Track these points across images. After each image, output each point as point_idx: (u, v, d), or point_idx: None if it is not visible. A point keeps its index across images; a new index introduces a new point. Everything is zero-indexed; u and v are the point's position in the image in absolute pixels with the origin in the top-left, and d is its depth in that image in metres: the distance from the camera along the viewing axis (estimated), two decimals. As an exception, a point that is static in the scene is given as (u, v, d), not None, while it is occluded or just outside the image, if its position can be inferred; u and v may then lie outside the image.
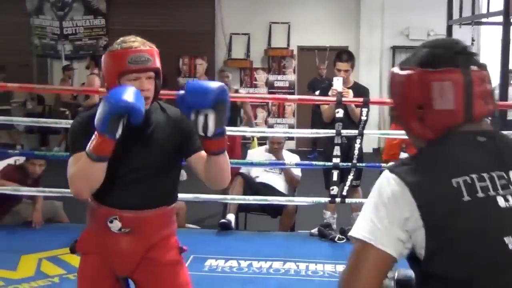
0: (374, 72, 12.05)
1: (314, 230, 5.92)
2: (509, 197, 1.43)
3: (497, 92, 7.41)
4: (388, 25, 12.45)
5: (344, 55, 5.85)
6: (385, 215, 1.44)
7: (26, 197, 6.14)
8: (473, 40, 8.39)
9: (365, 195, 6.11)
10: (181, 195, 5.80)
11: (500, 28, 6.99)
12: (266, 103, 12.86)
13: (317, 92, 10.00)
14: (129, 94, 2.26)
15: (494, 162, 1.47)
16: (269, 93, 12.72)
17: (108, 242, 2.52)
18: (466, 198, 1.41)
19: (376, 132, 10.21)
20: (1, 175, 6.10)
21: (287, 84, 12.99)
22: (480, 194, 1.42)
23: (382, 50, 12.53)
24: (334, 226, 5.88)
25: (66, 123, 7.09)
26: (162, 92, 2.63)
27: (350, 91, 5.71)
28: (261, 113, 12.98)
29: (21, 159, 6.47)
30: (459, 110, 1.49)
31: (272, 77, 13.00)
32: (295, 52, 12.89)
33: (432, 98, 1.50)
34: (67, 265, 4.97)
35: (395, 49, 12.50)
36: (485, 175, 1.44)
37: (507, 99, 6.94)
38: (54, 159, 6.78)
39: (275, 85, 12.98)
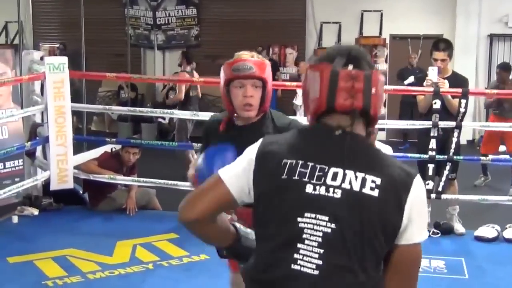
0: (470, 62, 11.64)
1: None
2: (317, 187, 1.64)
3: None
4: (485, 12, 11.97)
5: (441, 43, 5.68)
6: (241, 168, 1.76)
7: (122, 184, 6.31)
8: None
9: (462, 190, 5.95)
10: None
11: None
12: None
13: (406, 82, 9.86)
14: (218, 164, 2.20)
15: (327, 156, 1.68)
16: (360, 83, 12.54)
17: None
18: (284, 176, 1.67)
19: (474, 124, 9.89)
20: (98, 162, 6.30)
21: (379, 74, 12.77)
22: (295, 177, 1.66)
23: (478, 38, 12.08)
24: (429, 220, 5.73)
25: (161, 112, 7.26)
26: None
27: (446, 81, 5.54)
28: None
29: (117, 147, 6.66)
30: (323, 99, 1.68)
31: (363, 67, 12.81)
32: (388, 41, 12.64)
33: (307, 87, 1.75)
34: (161, 252, 5.08)
35: (492, 37, 12.03)
36: (310, 163, 1.67)
37: None
38: (148, 148, 6.95)
39: (367, 74, 12.78)
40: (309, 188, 1.65)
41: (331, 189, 1.64)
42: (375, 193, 1.63)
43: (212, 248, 2.05)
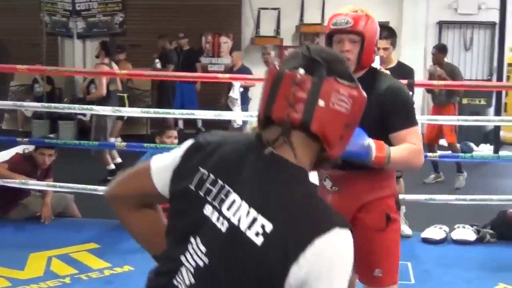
0: (418, 51, 11.89)
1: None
2: (213, 212, 1.55)
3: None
4: (434, -2, 12.28)
5: (383, 31, 5.77)
6: (170, 160, 1.70)
7: (35, 190, 6.19)
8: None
9: (411, 189, 6.07)
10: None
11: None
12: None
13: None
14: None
15: (237, 178, 1.55)
16: (301, 74, 12.65)
17: (327, 199, 2.89)
18: (191, 187, 1.61)
19: (422, 118, 10.08)
20: (8, 165, 6.16)
21: (321, 64, 12.90)
22: (201, 193, 1.59)
23: (427, 25, 12.35)
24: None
25: (80, 109, 7.16)
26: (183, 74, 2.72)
27: (388, 72, 5.62)
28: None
29: (30, 148, 6.53)
30: (262, 105, 1.58)
31: (304, 56, 12.92)
32: (330, 29, 12.77)
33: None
34: (79, 264, 5.01)
35: (442, 24, 12.32)
36: (220, 182, 1.57)
37: None
38: (65, 148, 6.84)
39: (308, 65, 12.90)
40: (207, 210, 1.57)
41: (220, 219, 1.54)
42: (259, 240, 1.46)
43: (137, 258, 2.05)
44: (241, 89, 10.72)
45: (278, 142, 1.54)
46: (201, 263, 1.55)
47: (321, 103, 1.52)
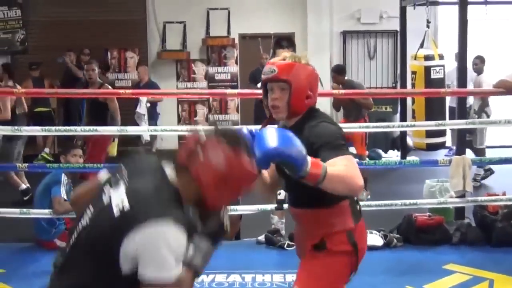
0: (324, 61, 12.11)
1: (261, 237, 5.96)
2: (107, 194, 2.25)
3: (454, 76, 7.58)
4: (337, 9, 12.56)
5: (284, 41, 5.93)
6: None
7: None
8: (428, 21, 8.51)
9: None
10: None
11: (456, 8, 7.09)
12: (206, 99, 12.84)
13: (260, 85, 10.02)
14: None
15: (133, 174, 2.30)
16: (209, 87, 12.68)
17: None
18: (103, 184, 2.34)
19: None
20: None
21: (229, 77, 12.99)
22: (106, 185, 2.30)
23: (331, 36, 12.65)
24: (283, 232, 5.92)
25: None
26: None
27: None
28: (201, 110, 12.95)
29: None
30: None
31: (212, 69, 12.98)
32: (237, 41, 12.90)
33: None
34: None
35: (345, 34, 12.64)
36: (120, 178, 2.28)
37: (465, 85, 7.06)
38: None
39: (216, 78, 12.96)
40: (104, 193, 2.28)
41: (107, 197, 2.25)
42: (117, 214, 2.16)
43: (43, 282, 2.15)
44: (148, 105, 10.69)
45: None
46: (84, 224, 2.25)
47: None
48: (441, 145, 7.71)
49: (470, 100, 9.16)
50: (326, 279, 2.99)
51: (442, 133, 7.38)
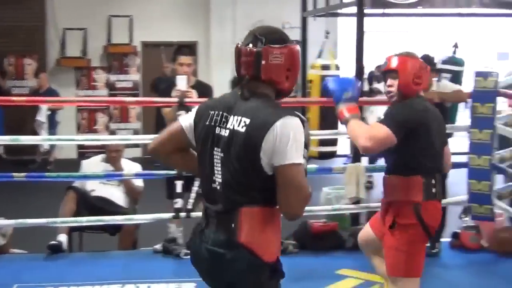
0: (227, 70, 12.22)
1: (158, 246, 5.95)
2: (222, 130, 2.64)
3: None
4: (240, 18, 12.68)
5: (184, 48, 6.00)
6: (190, 117, 2.82)
7: None
8: (327, 32, 8.73)
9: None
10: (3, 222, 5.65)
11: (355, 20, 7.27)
12: (106, 107, 12.71)
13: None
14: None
15: (229, 108, 2.66)
16: (110, 95, 12.59)
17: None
18: (207, 123, 2.70)
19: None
20: None
21: (130, 85, 12.92)
22: (212, 123, 2.68)
23: (234, 45, 12.73)
24: (181, 241, 5.93)
25: None
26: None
27: (194, 91, 5.79)
28: (101, 118, 12.82)
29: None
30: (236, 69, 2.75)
31: (113, 77, 12.88)
32: (139, 49, 12.86)
33: None
34: None
35: (248, 43, 12.76)
36: (222, 113, 2.67)
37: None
38: None
39: (117, 85, 12.87)
40: (217, 130, 2.66)
41: (224, 130, 2.63)
42: (243, 130, 2.56)
43: None
44: (49, 112, 10.52)
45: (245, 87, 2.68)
46: (219, 158, 2.64)
47: (263, 62, 2.62)
48: (333, 154, 7.94)
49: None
50: (406, 250, 3.66)
51: (334, 142, 7.61)
